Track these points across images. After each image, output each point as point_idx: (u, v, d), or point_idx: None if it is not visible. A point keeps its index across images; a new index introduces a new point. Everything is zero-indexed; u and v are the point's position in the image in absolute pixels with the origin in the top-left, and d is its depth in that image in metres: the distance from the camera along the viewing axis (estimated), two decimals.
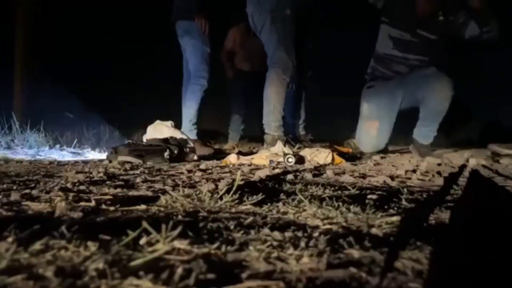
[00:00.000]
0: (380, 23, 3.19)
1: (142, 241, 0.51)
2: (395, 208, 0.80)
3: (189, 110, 3.35)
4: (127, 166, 1.88)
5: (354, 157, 2.87)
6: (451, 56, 3.22)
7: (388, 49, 3.14)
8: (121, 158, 2.20)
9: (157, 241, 0.51)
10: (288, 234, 0.57)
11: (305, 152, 2.31)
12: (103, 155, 2.75)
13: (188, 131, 3.26)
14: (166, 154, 2.28)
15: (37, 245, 0.48)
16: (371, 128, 3.07)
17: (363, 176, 1.50)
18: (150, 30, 5.03)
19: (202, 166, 1.89)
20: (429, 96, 2.89)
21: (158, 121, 2.75)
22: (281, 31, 2.79)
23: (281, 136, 2.76)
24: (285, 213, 0.74)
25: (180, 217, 0.69)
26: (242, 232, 0.58)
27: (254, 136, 4.52)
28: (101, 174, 1.38)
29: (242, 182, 1.19)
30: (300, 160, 2.18)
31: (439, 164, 2.32)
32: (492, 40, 2.93)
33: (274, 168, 1.81)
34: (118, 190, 1.01)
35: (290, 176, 1.43)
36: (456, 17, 2.98)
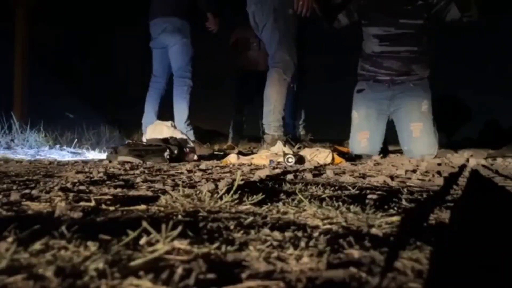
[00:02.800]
0: (361, 27, 3.20)
1: (142, 241, 0.51)
2: (395, 208, 0.80)
3: (182, 111, 3.32)
4: (127, 166, 1.88)
5: (354, 157, 2.87)
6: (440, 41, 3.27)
7: (375, 47, 3.12)
8: (121, 158, 2.21)
9: (157, 241, 0.51)
10: (288, 234, 0.57)
11: (305, 152, 2.31)
12: (103, 155, 2.75)
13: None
14: (166, 154, 2.28)
15: (37, 245, 0.48)
16: (362, 139, 3.10)
17: (363, 176, 1.50)
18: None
19: (202, 166, 1.89)
20: (413, 151, 3.02)
21: (158, 121, 2.75)
22: (283, 31, 2.77)
23: (281, 136, 2.75)
24: (285, 213, 0.74)
25: (180, 217, 0.69)
26: (242, 232, 0.58)
27: (254, 136, 4.53)
28: (101, 174, 1.38)
29: (242, 182, 1.19)
30: (300, 160, 2.18)
31: (439, 164, 2.32)
32: (471, 23, 2.98)
33: (274, 168, 1.81)
34: (118, 190, 1.01)
35: (290, 176, 1.43)
36: (439, 0, 3.00)
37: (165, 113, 3.47)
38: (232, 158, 2.27)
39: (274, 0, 2.77)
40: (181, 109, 3.34)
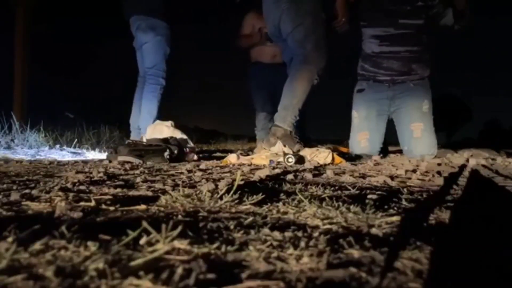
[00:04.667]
0: (360, 28, 3.21)
1: (142, 241, 0.51)
2: (395, 208, 0.80)
3: (151, 111, 3.22)
4: (127, 166, 1.88)
5: (354, 157, 2.87)
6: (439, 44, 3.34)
7: (375, 47, 3.14)
8: (121, 158, 2.21)
9: (157, 241, 0.51)
10: (288, 234, 0.57)
11: (305, 152, 2.31)
12: (103, 155, 2.75)
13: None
14: (166, 154, 2.28)
15: (37, 245, 0.48)
16: (362, 139, 3.11)
17: (363, 176, 1.50)
18: None
19: (202, 166, 1.89)
20: (413, 151, 3.04)
21: (158, 121, 2.76)
22: (320, 33, 2.74)
23: (293, 133, 2.67)
24: (285, 213, 0.74)
25: (180, 217, 0.69)
26: (242, 232, 0.58)
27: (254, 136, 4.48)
28: (101, 174, 1.38)
29: (242, 182, 1.19)
30: (300, 160, 2.18)
31: (439, 164, 2.32)
32: (461, 31, 3.01)
33: (274, 168, 1.81)
34: (118, 190, 1.01)
35: (290, 176, 1.43)
36: (437, 4, 3.02)
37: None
38: (232, 158, 2.27)
39: (311, 2, 2.74)
40: (149, 109, 3.22)
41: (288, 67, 2.93)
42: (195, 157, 2.52)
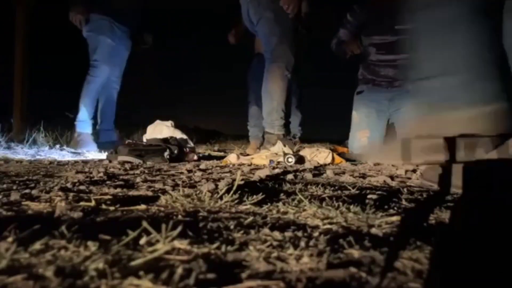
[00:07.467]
0: (362, 36, 3.24)
1: (142, 241, 0.51)
2: (395, 208, 0.80)
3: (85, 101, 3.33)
4: (127, 166, 1.88)
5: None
6: None
7: (373, 55, 3.17)
8: (121, 158, 2.21)
9: (157, 241, 0.51)
10: (288, 234, 0.57)
11: (305, 152, 2.31)
12: (103, 155, 2.75)
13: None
14: (166, 154, 2.28)
15: (37, 245, 0.48)
16: (362, 137, 3.12)
17: (363, 176, 1.50)
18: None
19: (202, 166, 1.89)
20: None
21: (158, 121, 2.75)
22: (284, 25, 2.67)
23: (285, 135, 2.68)
24: (285, 213, 0.74)
25: (180, 217, 0.69)
26: (242, 232, 0.58)
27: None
28: (101, 174, 1.38)
29: (242, 182, 1.19)
30: (300, 160, 2.18)
31: None
32: None
33: (274, 168, 1.81)
34: (118, 190, 1.01)
35: (290, 176, 1.43)
36: None
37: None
38: (232, 158, 2.27)
39: None
40: (83, 99, 3.34)
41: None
42: (195, 157, 2.52)
